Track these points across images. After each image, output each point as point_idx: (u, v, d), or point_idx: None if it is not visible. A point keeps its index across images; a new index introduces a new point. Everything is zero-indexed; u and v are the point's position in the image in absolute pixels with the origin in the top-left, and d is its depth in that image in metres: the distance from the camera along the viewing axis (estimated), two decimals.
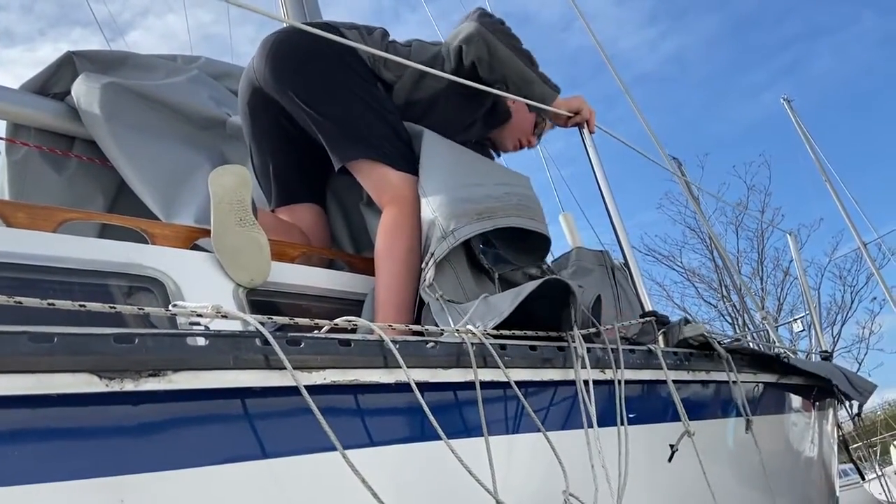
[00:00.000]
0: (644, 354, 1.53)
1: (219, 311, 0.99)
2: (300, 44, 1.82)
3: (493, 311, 1.36)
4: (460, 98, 1.90)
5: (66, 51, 2.20)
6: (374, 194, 1.80)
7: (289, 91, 1.81)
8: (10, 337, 0.73)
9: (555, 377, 1.32)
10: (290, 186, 2.04)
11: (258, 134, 1.99)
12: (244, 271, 1.51)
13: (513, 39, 1.85)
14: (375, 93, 1.86)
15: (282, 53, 1.83)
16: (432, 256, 1.56)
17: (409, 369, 1.06)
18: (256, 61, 1.88)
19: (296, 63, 1.81)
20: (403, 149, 1.82)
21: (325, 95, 1.79)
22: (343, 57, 1.80)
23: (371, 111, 1.80)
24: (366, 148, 1.77)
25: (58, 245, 1.32)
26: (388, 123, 1.82)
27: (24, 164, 2.13)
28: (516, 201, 1.71)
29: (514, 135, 2.24)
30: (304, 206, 2.04)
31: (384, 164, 1.76)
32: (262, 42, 1.88)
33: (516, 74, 1.84)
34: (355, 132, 1.78)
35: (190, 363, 0.87)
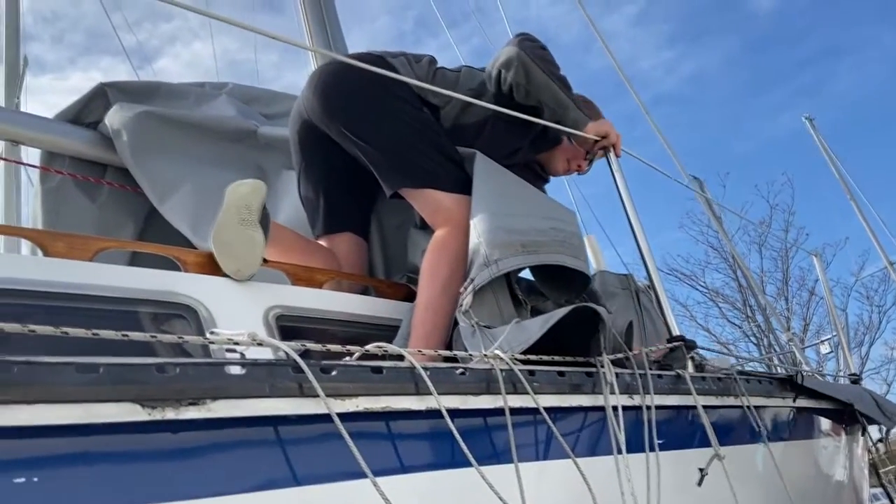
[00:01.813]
0: (672, 379, 1.53)
1: (254, 338, 1.01)
2: (347, 76, 1.86)
3: (522, 336, 1.36)
4: (507, 123, 1.92)
5: (99, 82, 2.26)
6: (428, 218, 1.84)
7: (338, 123, 1.86)
8: (57, 367, 0.76)
9: (584, 403, 1.32)
10: (333, 215, 2.08)
11: (307, 164, 2.05)
12: (234, 262, 1.54)
13: (551, 65, 1.87)
14: (423, 118, 1.89)
15: (330, 86, 1.88)
16: (472, 283, 1.57)
17: (439, 396, 1.07)
18: (306, 94, 1.93)
19: (344, 95, 1.86)
20: (455, 170, 1.85)
21: (373, 125, 1.83)
22: (389, 86, 1.83)
23: (419, 137, 1.84)
24: (416, 174, 1.81)
25: (95, 274, 1.35)
26: (436, 147, 1.86)
27: (59, 192, 2.19)
28: (562, 238, 1.72)
29: (564, 157, 2.24)
30: (344, 235, 2.08)
31: (435, 189, 1.79)
32: (311, 75, 1.94)
33: (552, 100, 1.87)
34: (405, 159, 1.82)
35: (228, 392, 0.89)
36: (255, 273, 1.56)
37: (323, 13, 3.44)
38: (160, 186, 2.08)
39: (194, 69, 22.83)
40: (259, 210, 1.63)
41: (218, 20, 1.45)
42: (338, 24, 3.51)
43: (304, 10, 3.44)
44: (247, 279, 1.54)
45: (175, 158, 2.14)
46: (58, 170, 2.20)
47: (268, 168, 2.39)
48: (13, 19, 4.92)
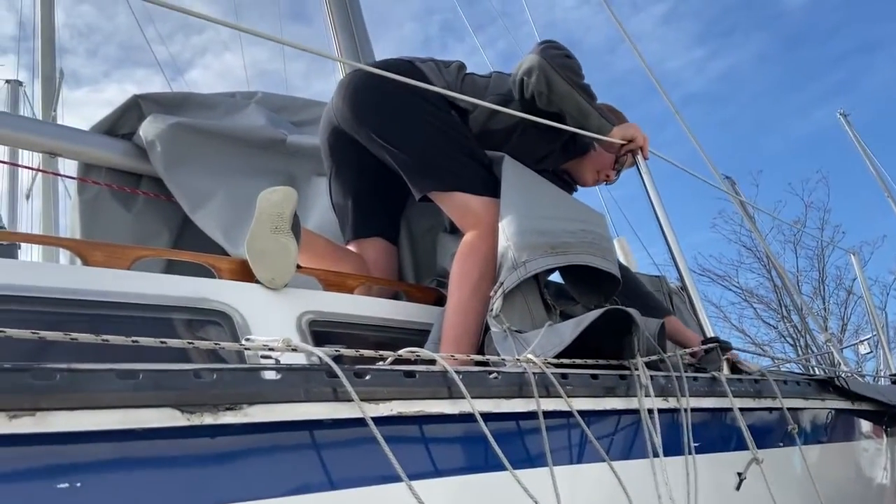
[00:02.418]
0: (708, 381, 1.50)
1: (289, 344, 1.02)
2: (376, 82, 1.87)
3: (555, 340, 1.36)
4: (536, 129, 1.91)
5: (133, 94, 2.31)
6: (458, 221, 1.84)
7: (367, 128, 1.88)
8: (99, 374, 0.77)
9: (618, 406, 1.31)
10: (363, 220, 2.10)
11: (337, 170, 2.08)
12: (268, 271, 1.56)
13: (573, 73, 1.85)
14: (451, 121, 1.90)
15: (359, 93, 1.90)
16: (501, 286, 1.57)
17: (472, 400, 1.07)
18: (335, 101, 1.95)
19: (372, 101, 1.88)
20: (483, 173, 1.85)
21: (401, 130, 1.85)
22: (418, 91, 1.84)
23: (448, 140, 1.85)
24: (444, 178, 1.82)
25: (132, 282, 1.37)
26: (465, 150, 1.87)
27: (96, 203, 2.24)
28: (591, 239, 1.70)
29: (593, 167, 2.21)
30: (373, 240, 2.09)
31: (464, 192, 1.80)
32: (340, 82, 1.96)
33: (574, 108, 1.85)
34: (433, 163, 1.83)
35: (264, 397, 0.90)
36: (288, 281, 1.58)
37: (350, 22, 3.47)
38: (193, 195, 2.12)
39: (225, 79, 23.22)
40: (291, 217, 1.65)
41: (247, 33, 1.47)
42: (365, 32, 3.54)
43: (331, 20, 3.47)
44: (280, 287, 1.56)
45: (207, 168, 2.17)
46: (95, 180, 2.26)
47: (297, 175, 2.42)
48: (48, 34, 5.06)
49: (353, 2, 3.52)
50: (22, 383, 0.73)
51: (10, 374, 0.72)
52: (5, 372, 0.72)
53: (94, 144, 2.21)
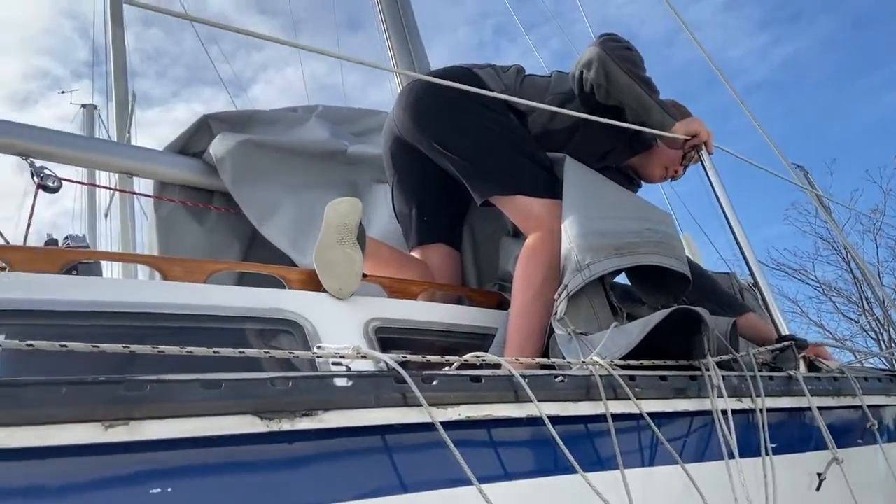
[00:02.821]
0: (784, 381, 1.46)
1: (359, 351, 1.05)
2: (435, 91, 1.90)
3: (621, 341, 1.35)
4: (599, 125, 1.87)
5: (202, 115, 2.41)
6: (520, 225, 1.86)
7: (427, 136, 1.91)
8: (185, 384, 0.82)
9: (689, 408, 1.29)
10: (426, 227, 2.13)
11: (400, 179, 2.11)
12: (335, 281, 1.60)
13: (634, 65, 1.83)
14: (510, 124, 1.91)
15: (419, 102, 1.93)
16: (566, 289, 1.57)
17: (539, 403, 1.08)
18: (396, 111, 2.00)
19: (432, 109, 1.91)
20: (544, 175, 1.85)
21: (461, 136, 1.87)
22: (476, 97, 1.84)
23: (507, 144, 1.86)
24: (505, 182, 1.83)
25: (209, 295, 1.44)
26: (525, 153, 1.87)
27: (171, 219, 2.34)
28: (657, 238, 1.67)
29: (660, 163, 2.16)
30: (436, 246, 2.12)
31: (525, 195, 1.80)
32: (400, 93, 2.01)
33: (634, 101, 1.82)
34: (493, 167, 1.85)
35: (336, 403, 0.93)
36: (355, 290, 1.62)
37: (404, 31, 3.52)
38: (260, 208, 2.19)
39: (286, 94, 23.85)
40: (356, 228, 1.69)
41: (305, 49, 1.52)
42: (419, 41, 3.58)
43: (385, 30, 3.53)
44: (347, 296, 1.60)
45: (273, 181, 2.25)
46: (170, 198, 2.36)
47: (359, 183, 2.48)
48: (120, 59, 5.31)
49: (406, 11, 3.57)
50: (116, 395, 0.78)
51: (105, 387, 0.77)
52: (101, 384, 0.77)
53: (168, 163, 2.32)
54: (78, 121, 11.35)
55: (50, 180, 2.01)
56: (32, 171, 1.99)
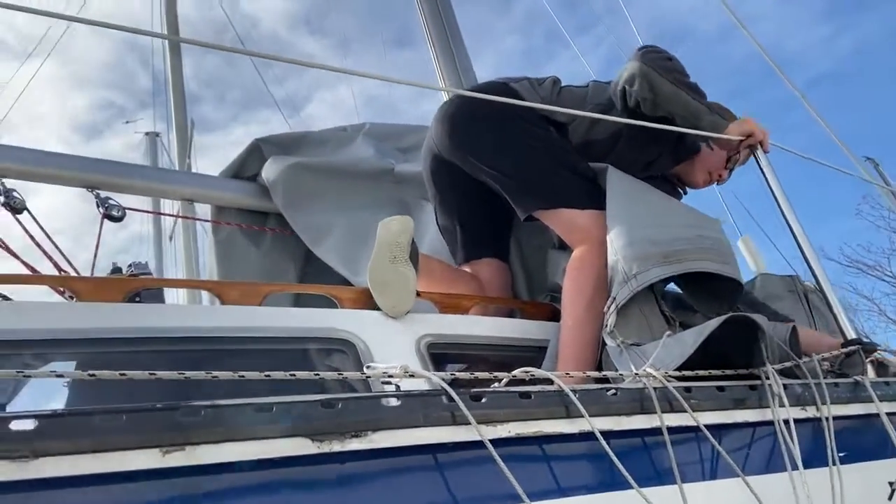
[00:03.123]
0: (850, 387, 1.40)
1: (406, 370, 1.07)
2: (471, 107, 1.92)
3: (675, 351, 1.32)
4: (641, 134, 1.87)
5: (254, 139, 2.48)
6: (565, 237, 1.85)
7: (467, 154, 1.92)
8: (238, 408, 0.84)
9: (749, 418, 1.25)
10: (473, 243, 2.13)
11: (441, 196, 2.12)
12: (390, 300, 1.61)
13: (677, 73, 1.81)
14: (549, 137, 1.90)
15: (456, 119, 1.94)
16: (614, 301, 1.54)
17: (591, 418, 1.07)
18: (434, 130, 2.01)
19: (469, 126, 1.92)
20: (587, 186, 1.84)
21: (501, 152, 1.87)
22: (513, 111, 1.85)
23: (547, 157, 1.86)
24: (546, 195, 1.82)
25: (264, 317, 1.48)
26: (565, 165, 1.86)
27: (229, 243, 2.42)
28: (708, 245, 1.64)
29: (704, 168, 2.14)
30: (485, 261, 2.12)
31: (568, 207, 1.79)
32: (438, 111, 2.02)
33: (683, 109, 1.80)
34: (535, 182, 1.84)
35: (386, 423, 0.94)
36: (409, 308, 1.63)
37: (451, 46, 3.55)
38: (313, 230, 2.24)
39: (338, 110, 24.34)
40: (408, 246, 1.71)
41: (352, 74, 1.55)
42: (465, 54, 3.60)
43: (432, 45, 3.57)
44: (402, 315, 1.61)
45: (323, 203, 2.29)
46: (227, 221, 2.44)
47: (408, 201, 2.50)
48: (178, 87, 5.52)
49: (451, 25, 3.60)
50: (173, 421, 0.81)
51: (162, 413, 0.81)
52: (158, 411, 0.80)
53: (224, 188, 2.40)
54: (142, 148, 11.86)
55: (115, 210, 2.10)
56: (98, 201, 2.09)
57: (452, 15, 3.65)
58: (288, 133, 2.55)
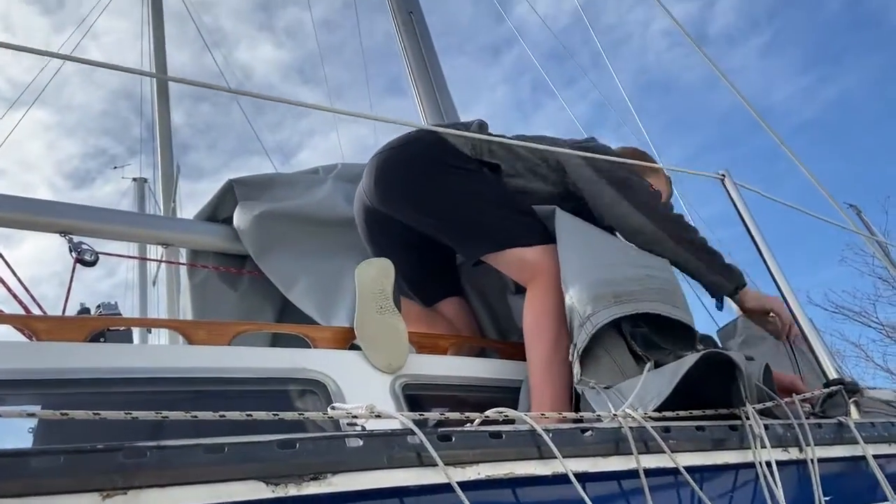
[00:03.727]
0: (834, 428, 1.37)
1: (372, 410, 1.02)
2: (402, 158, 1.89)
3: (653, 391, 1.28)
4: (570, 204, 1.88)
5: (228, 179, 2.45)
6: (516, 277, 1.81)
7: (403, 205, 1.88)
8: (186, 449, 0.80)
9: (729, 460, 1.21)
10: (429, 289, 2.09)
11: (382, 251, 2.03)
12: (383, 357, 1.55)
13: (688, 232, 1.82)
14: (484, 178, 1.88)
15: (388, 173, 1.90)
16: (575, 348, 1.50)
17: (565, 459, 1.02)
18: (366, 183, 1.96)
19: (403, 178, 1.88)
20: (529, 222, 1.81)
21: (438, 200, 1.84)
22: (444, 158, 1.85)
23: (484, 199, 1.82)
24: (491, 238, 1.79)
25: (231, 357, 1.43)
26: (504, 204, 1.83)
27: (204, 286, 2.37)
28: (658, 285, 1.62)
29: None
30: (445, 302, 2.08)
31: (515, 247, 1.76)
32: (368, 164, 1.97)
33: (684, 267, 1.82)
34: (476, 226, 1.81)
35: (347, 465, 0.89)
36: (404, 364, 1.57)
37: (434, 89, 3.59)
38: (284, 277, 2.20)
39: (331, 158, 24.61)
40: (391, 292, 1.66)
41: (340, 114, 1.55)
42: (449, 98, 3.64)
43: (417, 92, 3.61)
44: (398, 371, 1.55)
45: (291, 251, 2.25)
46: (203, 265, 2.40)
47: None
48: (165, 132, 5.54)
49: (435, 71, 3.65)
50: (115, 462, 0.76)
51: (103, 455, 0.76)
52: (99, 452, 0.75)
53: (198, 231, 2.36)
54: (130, 194, 11.88)
55: (87, 254, 2.06)
56: (70, 246, 2.05)
57: (436, 60, 3.70)
58: (260, 174, 2.51)
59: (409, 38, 3.63)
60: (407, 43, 3.63)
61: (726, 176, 1.90)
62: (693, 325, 1.60)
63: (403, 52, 3.71)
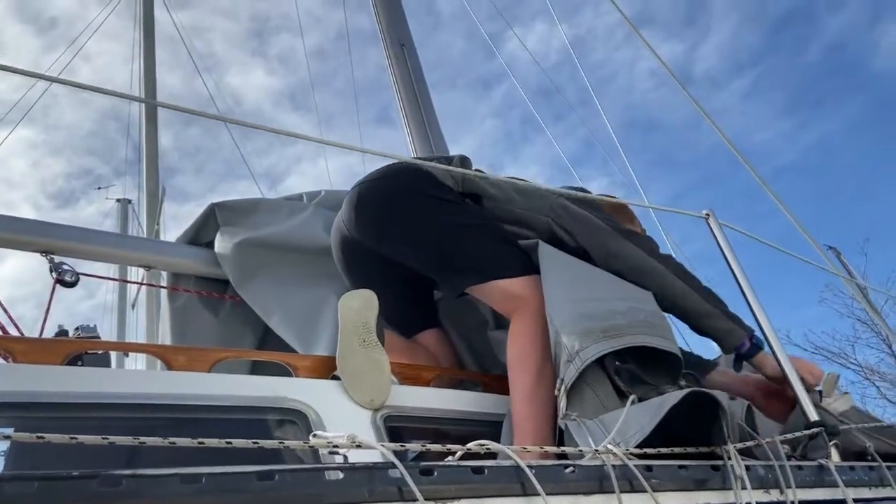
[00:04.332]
0: (814, 471, 1.37)
1: (353, 440, 1.01)
2: (384, 189, 1.88)
3: (635, 426, 1.28)
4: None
5: (210, 203, 2.43)
6: (500, 308, 1.80)
7: (384, 236, 1.87)
8: (162, 479, 0.78)
9: (711, 500, 1.20)
10: (404, 322, 2.07)
11: (359, 282, 2.00)
12: (364, 392, 1.52)
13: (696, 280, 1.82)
14: (467, 209, 1.89)
15: (369, 202, 1.88)
16: (563, 383, 1.48)
17: (548, 496, 1.01)
18: (345, 214, 1.93)
19: (384, 208, 1.86)
20: (513, 252, 1.81)
21: (420, 231, 1.83)
22: (427, 189, 1.85)
23: (468, 230, 1.82)
24: (476, 271, 1.77)
25: (211, 384, 1.41)
26: (489, 235, 1.83)
27: (185, 310, 2.34)
28: (643, 318, 1.61)
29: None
30: (426, 334, 2.06)
31: (500, 279, 1.75)
32: (349, 194, 1.95)
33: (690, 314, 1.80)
34: (460, 260, 1.80)
35: (327, 498, 0.88)
36: (386, 400, 1.54)
37: (424, 124, 3.62)
38: (264, 304, 2.18)
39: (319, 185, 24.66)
40: (374, 325, 1.64)
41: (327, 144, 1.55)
42: (438, 129, 3.67)
43: (406, 123, 3.64)
44: (380, 407, 1.53)
45: (272, 279, 2.23)
46: (185, 288, 2.37)
47: None
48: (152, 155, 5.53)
49: (426, 105, 3.68)
50: (89, 491, 0.74)
51: (78, 482, 0.74)
52: (73, 479, 0.74)
53: (179, 254, 2.33)
54: (114, 216, 11.78)
55: (67, 275, 2.04)
56: (51, 266, 2.03)
57: (426, 92, 3.74)
58: (243, 199, 2.50)
59: (400, 70, 3.67)
60: (398, 74, 3.67)
61: (710, 215, 1.92)
62: (678, 353, 1.60)
63: (395, 83, 3.75)
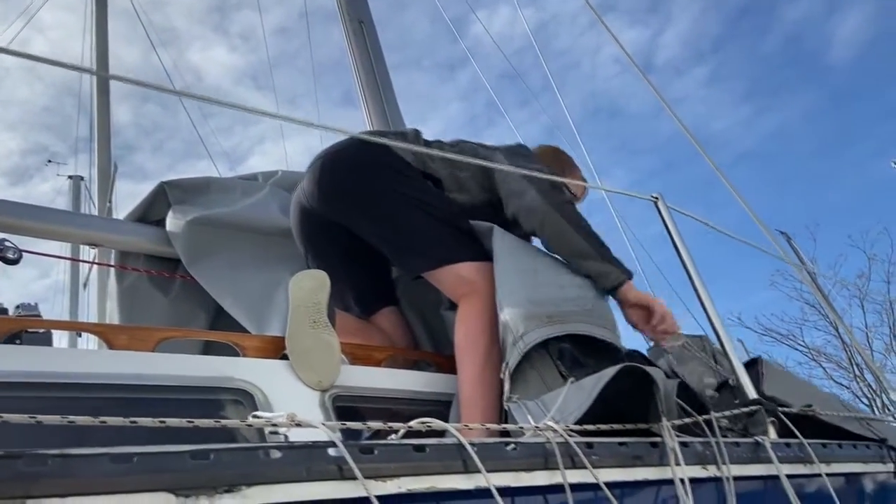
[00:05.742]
0: (751, 447, 1.41)
1: (293, 419, 1.00)
2: (346, 161, 1.87)
3: (574, 403, 1.30)
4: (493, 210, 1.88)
5: (160, 181, 2.38)
6: (451, 293, 1.80)
7: (347, 206, 1.86)
8: (91, 458, 0.76)
9: (650, 476, 1.23)
10: (363, 298, 2.07)
11: (319, 256, 2.01)
12: (313, 373, 1.51)
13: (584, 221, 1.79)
14: (428, 190, 1.89)
15: (333, 172, 1.88)
16: (507, 366, 1.50)
17: (489, 473, 1.02)
18: (308, 185, 1.91)
19: (348, 181, 1.85)
20: (467, 238, 1.82)
21: (380, 210, 1.83)
22: (391, 162, 1.84)
23: (426, 214, 1.82)
24: (431, 254, 1.78)
25: (155, 364, 1.39)
26: (445, 221, 1.83)
27: (134, 289, 2.29)
28: (589, 305, 1.64)
29: None
30: (382, 313, 2.06)
31: (453, 263, 1.76)
32: (311, 165, 1.93)
33: (569, 251, 1.78)
34: (417, 242, 1.80)
35: (264, 477, 0.87)
36: (335, 381, 1.53)
37: (384, 105, 3.58)
38: (217, 284, 2.14)
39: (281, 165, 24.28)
40: (326, 306, 1.63)
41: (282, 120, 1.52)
42: (398, 113, 3.64)
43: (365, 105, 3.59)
44: (328, 388, 1.52)
45: (224, 259, 2.19)
46: (134, 267, 2.32)
47: None
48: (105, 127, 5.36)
49: (385, 85, 3.64)
50: (14, 470, 0.72)
51: (1, 461, 0.72)
52: None
53: (127, 232, 2.28)
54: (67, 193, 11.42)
55: (10, 252, 1.98)
56: None
57: (385, 70, 3.70)
58: (195, 178, 2.44)
59: (358, 47, 3.62)
60: (356, 51, 3.62)
61: (659, 199, 1.95)
62: (619, 345, 1.63)
63: (353, 60, 3.70)
